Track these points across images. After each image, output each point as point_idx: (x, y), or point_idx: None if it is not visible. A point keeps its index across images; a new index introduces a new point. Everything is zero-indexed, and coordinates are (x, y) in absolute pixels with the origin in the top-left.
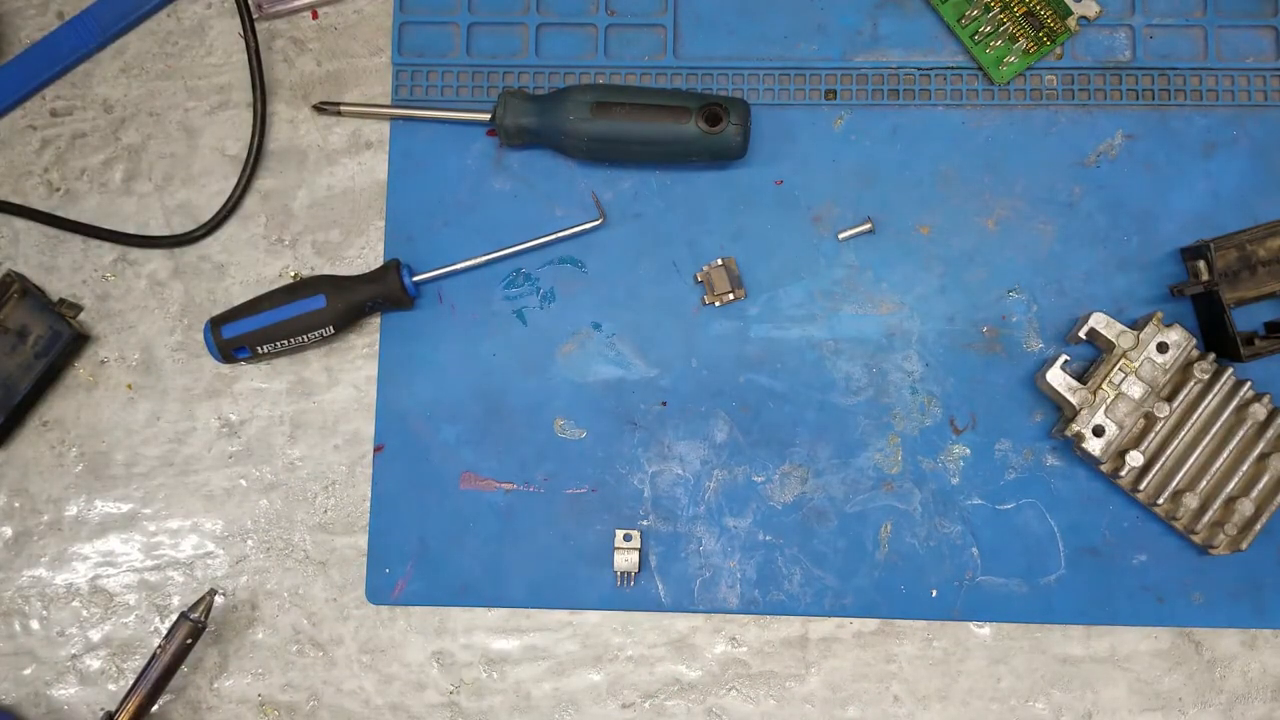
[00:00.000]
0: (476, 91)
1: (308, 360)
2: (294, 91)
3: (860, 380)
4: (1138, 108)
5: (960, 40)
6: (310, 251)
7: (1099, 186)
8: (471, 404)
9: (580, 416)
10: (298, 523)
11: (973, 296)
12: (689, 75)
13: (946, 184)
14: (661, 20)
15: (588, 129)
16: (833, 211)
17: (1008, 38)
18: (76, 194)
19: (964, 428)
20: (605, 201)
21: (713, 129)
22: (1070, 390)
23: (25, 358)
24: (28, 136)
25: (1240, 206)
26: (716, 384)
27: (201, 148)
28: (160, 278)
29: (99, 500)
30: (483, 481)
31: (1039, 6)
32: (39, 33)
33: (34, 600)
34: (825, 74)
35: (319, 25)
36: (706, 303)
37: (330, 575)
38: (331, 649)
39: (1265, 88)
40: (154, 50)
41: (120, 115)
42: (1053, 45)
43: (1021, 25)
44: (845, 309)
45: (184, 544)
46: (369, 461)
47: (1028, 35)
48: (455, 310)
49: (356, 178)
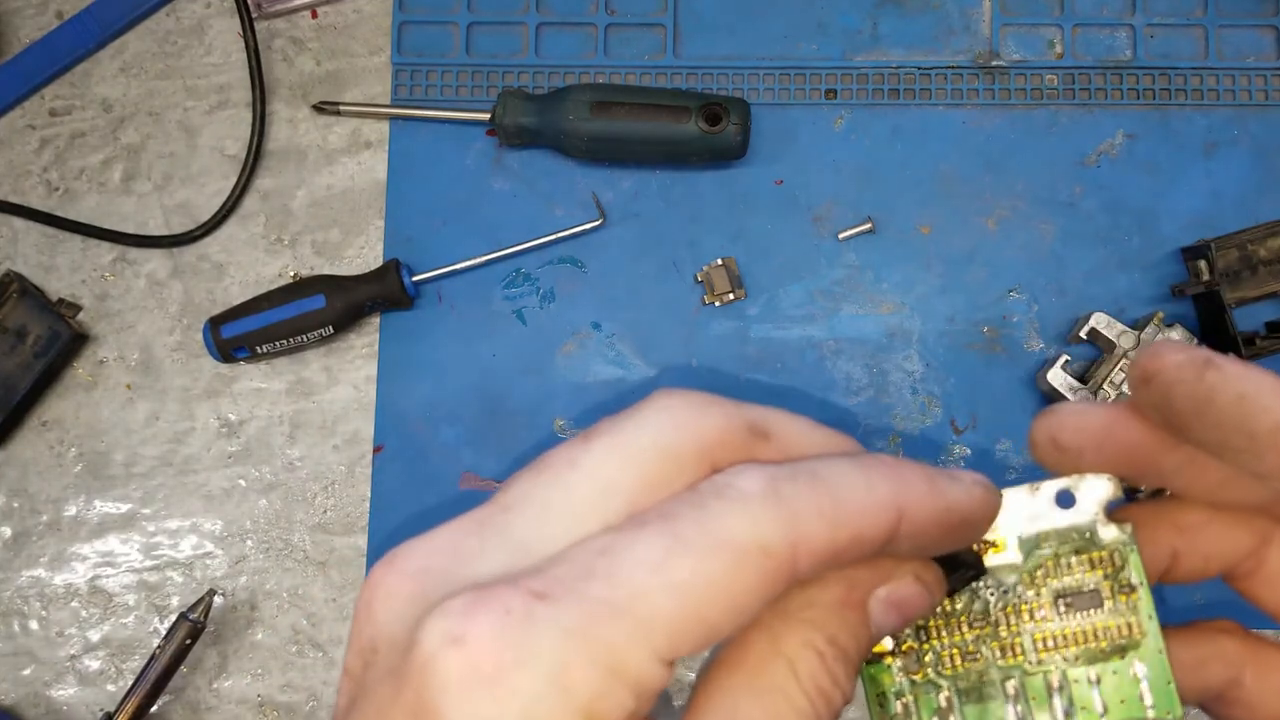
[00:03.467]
0: (476, 91)
1: (307, 360)
2: (293, 91)
3: (860, 380)
4: (1138, 107)
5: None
6: (310, 251)
7: (1099, 186)
8: (471, 404)
9: (580, 416)
10: (297, 523)
11: (973, 296)
12: (689, 75)
13: (947, 184)
14: (661, 20)
15: (588, 129)
16: (833, 211)
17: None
18: (75, 194)
19: (964, 428)
20: (605, 201)
21: (713, 129)
22: (1071, 390)
23: (24, 357)
24: (27, 136)
25: (1241, 206)
26: (716, 384)
27: (201, 147)
28: (159, 277)
29: (98, 500)
30: (483, 482)
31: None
32: (38, 32)
33: (33, 600)
34: (825, 74)
35: (318, 25)
36: (706, 303)
37: (330, 575)
38: (331, 649)
39: (1266, 87)
40: (153, 50)
41: (119, 115)
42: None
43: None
44: (845, 309)
45: (183, 544)
46: (368, 461)
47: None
48: (455, 310)
49: (356, 177)
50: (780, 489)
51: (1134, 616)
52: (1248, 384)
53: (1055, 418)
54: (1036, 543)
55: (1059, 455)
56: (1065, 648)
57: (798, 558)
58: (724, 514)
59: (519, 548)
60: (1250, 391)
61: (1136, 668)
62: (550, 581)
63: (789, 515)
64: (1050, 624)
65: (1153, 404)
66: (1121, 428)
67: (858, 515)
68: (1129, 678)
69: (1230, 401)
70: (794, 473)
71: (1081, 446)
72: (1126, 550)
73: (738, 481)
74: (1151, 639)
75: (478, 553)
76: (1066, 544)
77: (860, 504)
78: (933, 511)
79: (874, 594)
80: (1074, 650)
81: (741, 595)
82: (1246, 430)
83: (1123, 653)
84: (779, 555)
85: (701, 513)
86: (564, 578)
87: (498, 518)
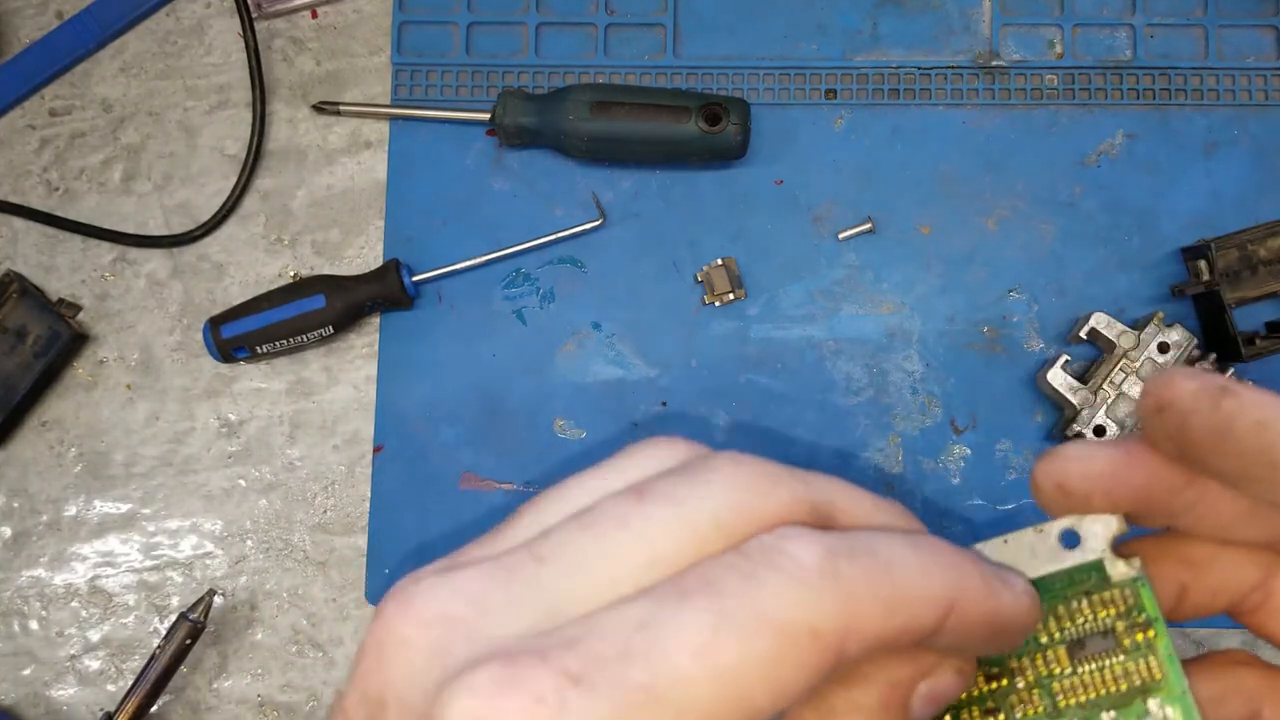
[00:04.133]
0: (476, 91)
1: (307, 360)
2: (293, 91)
3: (860, 380)
4: (1138, 107)
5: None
6: (310, 251)
7: (1099, 186)
8: (471, 404)
9: (580, 417)
10: (297, 523)
11: (973, 296)
12: (689, 75)
13: (946, 184)
14: (661, 20)
15: (588, 129)
16: (833, 211)
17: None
18: (75, 194)
19: (964, 428)
20: (605, 201)
21: (713, 129)
22: (1071, 390)
23: (24, 357)
24: (27, 136)
25: (1241, 206)
26: (716, 384)
27: (201, 147)
28: (159, 277)
29: (98, 500)
30: (483, 482)
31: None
32: (38, 32)
33: (33, 600)
34: (825, 74)
35: (318, 25)
36: (706, 303)
37: (330, 575)
38: (331, 649)
39: (1266, 87)
40: (153, 50)
41: (119, 115)
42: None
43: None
44: (845, 309)
45: (183, 544)
46: (368, 461)
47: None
48: (455, 310)
49: (356, 177)
50: (838, 567)
51: (1152, 656)
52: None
53: (1059, 462)
54: (1047, 586)
55: (1065, 501)
56: (1086, 693)
57: (847, 643)
58: (777, 590)
59: (549, 607)
60: (1269, 418)
61: (1163, 711)
62: (585, 661)
63: (845, 597)
64: (1068, 670)
65: (1167, 435)
66: (1128, 469)
67: (914, 604)
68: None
69: (1249, 430)
70: (852, 549)
71: (1089, 492)
72: (1138, 586)
73: (791, 549)
74: (1174, 678)
75: (504, 607)
76: (1076, 586)
77: (917, 592)
78: (983, 612)
79: (916, 691)
80: (1095, 696)
81: (788, 681)
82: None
83: (1145, 695)
84: (829, 640)
85: (751, 586)
86: (599, 656)
87: (529, 569)
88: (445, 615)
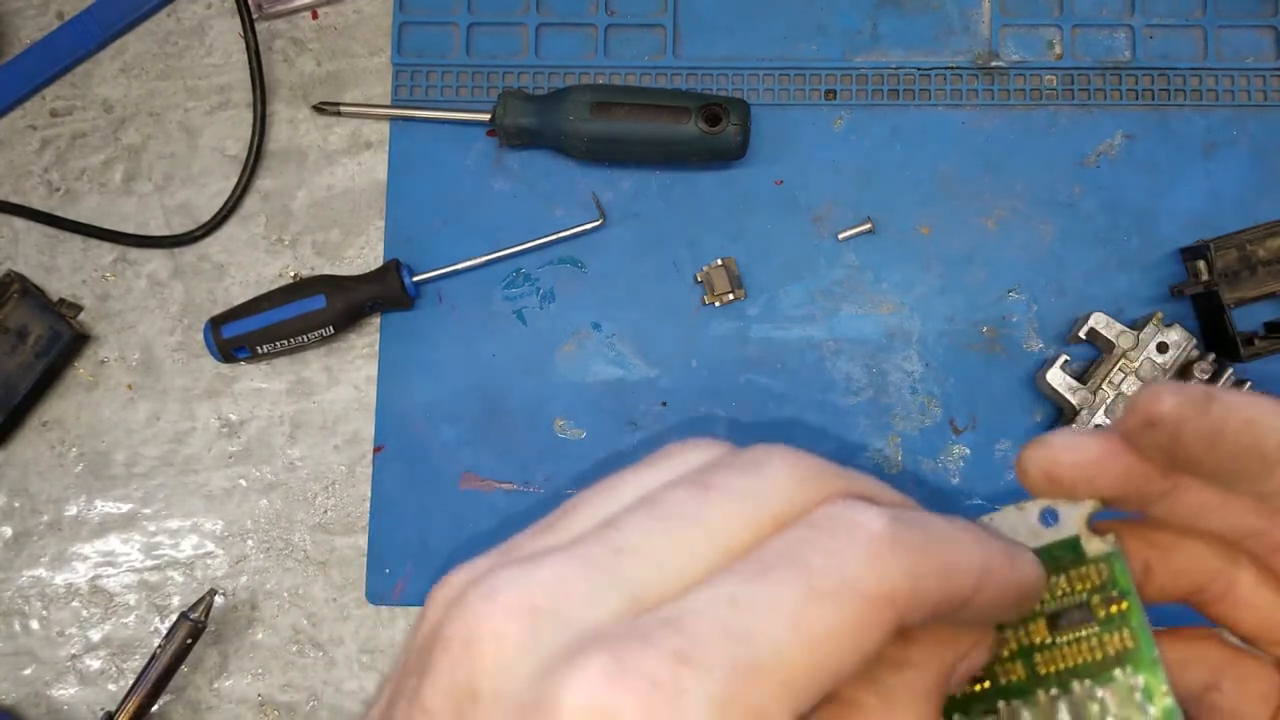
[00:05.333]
0: (476, 91)
1: (307, 360)
2: (294, 92)
3: (860, 380)
4: (1138, 108)
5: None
6: (310, 251)
7: (1099, 186)
8: (471, 404)
9: (580, 417)
10: (298, 523)
11: (973, 296)
12: (689, 75)
13: (946, 184)
14: (661, 20)
15: (588, 129)
16: (833, 211)
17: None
18: (76, 194)
19: (964, 428)
20: (605, 201)
21: (712, 129)
22: (1070, 390)
23: (25, 358)
24: (28, 136)
25: (1240, 206)
26: (716, 384)
27: (201, 148)
28: (160, 278)
29: (99, 500)
30: (483, 482)
31: None
32: (39, 33)
33: (34, 600)
34: (825, 74)
35: (319, 25)
36: (706, 303)
37: (330, 575)
38: (331, 649)
39: (1265, 88)
40: (154, 50)
41: (120, 115)
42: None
43: None
44: (845, 309)
45: (184, 544)
46: (369, 462)
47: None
48: (455, 310)
49: (356, 178)
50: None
51: (1125, 628)
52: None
53: (1048, 450)
54: None
55: (1052, 487)
56: (1064, 662)
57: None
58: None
59: (632, 594)
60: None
61: (1134, 679)
62: (689, 641)
63: (911, 564)
64: (1048, 641)
65: (1158, 445)
66: (1112, 459)
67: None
68: (1128, 689)
69: (1239, 428)
70: (908, 520)
71: (1075, 480)
72: (1112, 561)
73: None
74: (1145, 648)
75: (588, 596)
76: (1054, 560)
77: (962, 561)
78: (1007, 581)
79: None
80: (1072, 665)
81: (869, 646)
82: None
83: (1120, 664)
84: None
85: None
86: (702, 635)
87: (608, 561)
88: (533, 605)
